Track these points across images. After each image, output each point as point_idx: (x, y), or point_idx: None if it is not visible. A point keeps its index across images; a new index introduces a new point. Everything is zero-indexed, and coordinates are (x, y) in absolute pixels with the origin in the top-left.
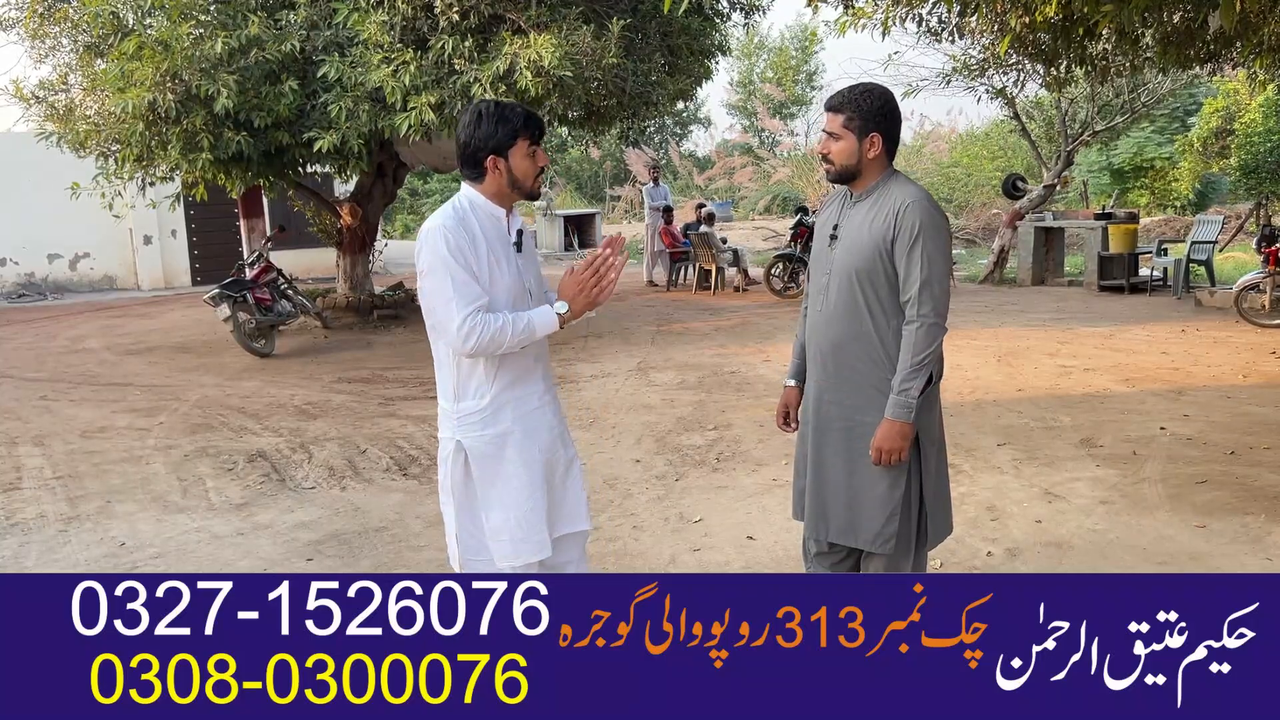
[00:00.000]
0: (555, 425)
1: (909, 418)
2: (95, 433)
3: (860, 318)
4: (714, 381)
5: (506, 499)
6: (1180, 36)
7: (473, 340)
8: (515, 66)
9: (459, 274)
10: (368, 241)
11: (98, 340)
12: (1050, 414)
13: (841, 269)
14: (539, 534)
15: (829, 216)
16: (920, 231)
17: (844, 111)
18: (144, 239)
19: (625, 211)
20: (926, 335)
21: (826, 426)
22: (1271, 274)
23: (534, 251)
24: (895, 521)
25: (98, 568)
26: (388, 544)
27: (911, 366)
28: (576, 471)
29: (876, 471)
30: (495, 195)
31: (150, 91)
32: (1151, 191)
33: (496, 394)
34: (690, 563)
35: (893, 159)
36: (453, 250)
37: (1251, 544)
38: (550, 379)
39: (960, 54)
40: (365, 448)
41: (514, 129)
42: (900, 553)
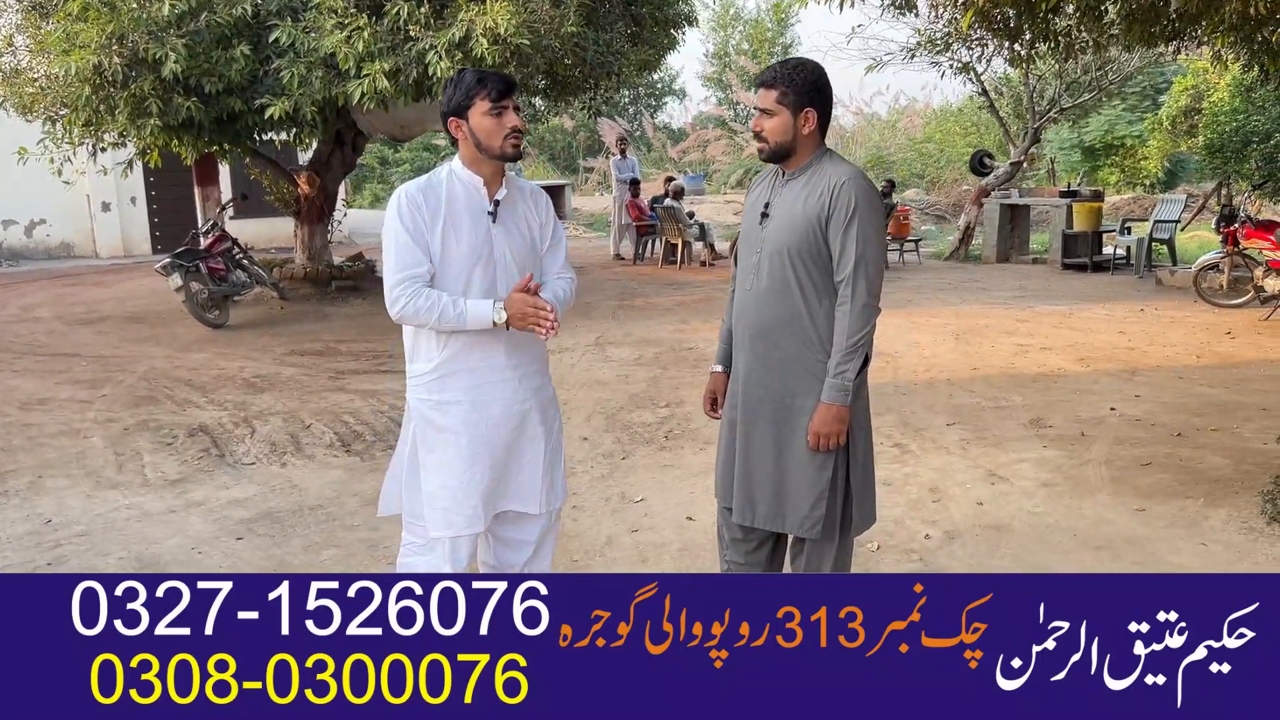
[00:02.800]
0: (516, 401)
1: (846, 401)
2: (35, 405)
3: (791, 297)
4: (671, 358)
5: (441, 467)
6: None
7: (398, 307)
8: (471, 34)
9: (403, 238)
10: (326, 211)
11: (48, 309)
12: (1003, 394)
13: (773, 247)
14: (469, 509)
15: (759, 194)
16: (856, 210)
17: (777, 87)
18: (102, 206)
19: (598, 184)
20: (861, 316)
21: (755, 410)
22: (1230, 254)
23: (525, 222)
24: (822, 506)
25: (19, 545)
26: (321, 523)
27: (847, 349)
28: (539, 453)
29: (805, 456)
30: (471, 162)
31: (96, 54)
32: (1121, 170)
33: (444, 360)
34: (627, 544)
35: (824, 136)
36: (403, 214)
37: (1188, 528)
38: (526, 353)
39: (925, 28)
40: (310, 423)
41: (469, 89)
42: (825, 538)
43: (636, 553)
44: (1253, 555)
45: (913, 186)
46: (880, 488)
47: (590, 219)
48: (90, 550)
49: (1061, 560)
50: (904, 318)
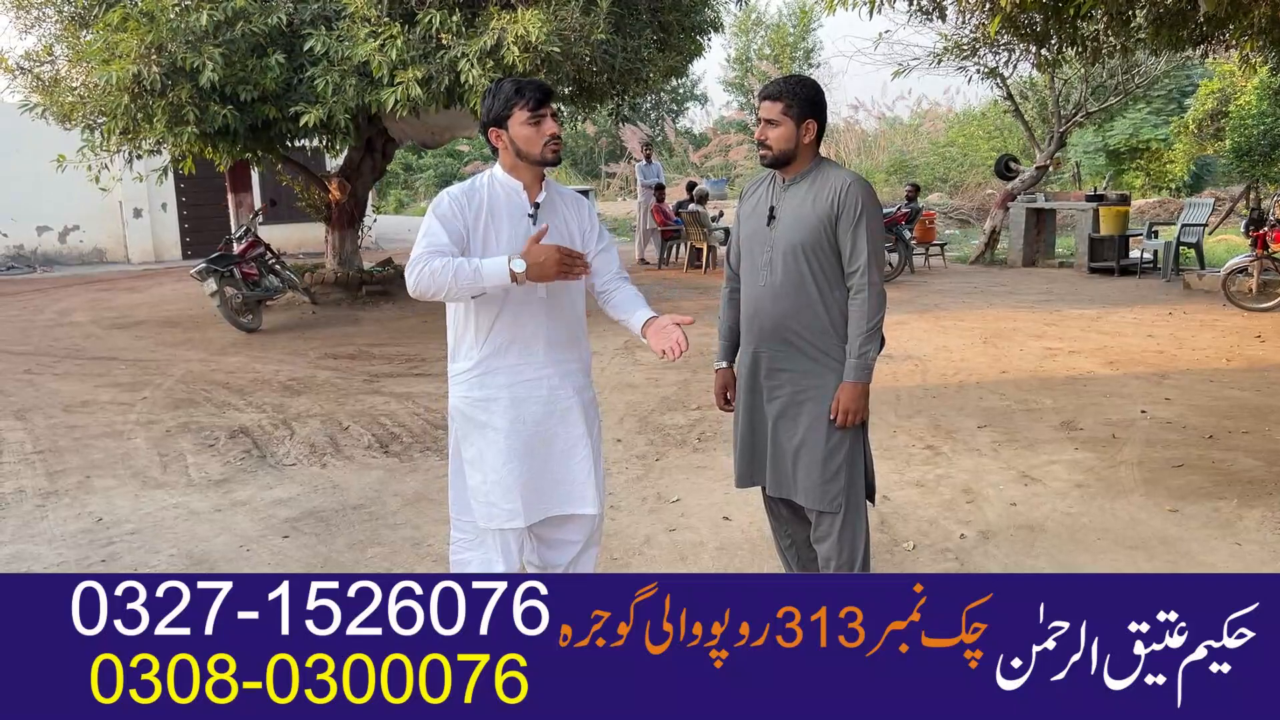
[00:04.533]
0: (556, 399)
1: (869, 379)
2: (78, 407)
3: (806, 289)
4: (700, 361)
5: (482, 462)
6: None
7: (413, 275)
8: (502, 42)
9: (435, 225)
10: (356, 217)
11: (84, 314)
12: (1033, 396)
13: (786, 245)
14: (510, 503)
15: (760, 198)
16: (863, 210)
17: (782, 100)
18: (134, 212)
19: (620, 189)
20: (876, 300)
21: (776, 395)
22: (1259, 257)
23: (566, 225)
24: (843, 478)
25: (74, 543)
26: (365, 521)
27: (867, 330)
28: (583, 452)
29: (824, 433)
30: (511, 168)
31: (135, 64)
32: (1147, 173)
33: (485, 357)
34: (665, 543)
35: (819, 146)
36: (442, 209)
37: (1222, 529)
38: (567, 352)
39: (952, 33)
40: (348, 425)
41: (508, 99)
42: (854, 510)
43: (675, 551)
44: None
45: (935, 190)
46: (913, 489)
47: (613, 224)
48: (142, 548)
49: (1095, 560)
50: (932, 321)
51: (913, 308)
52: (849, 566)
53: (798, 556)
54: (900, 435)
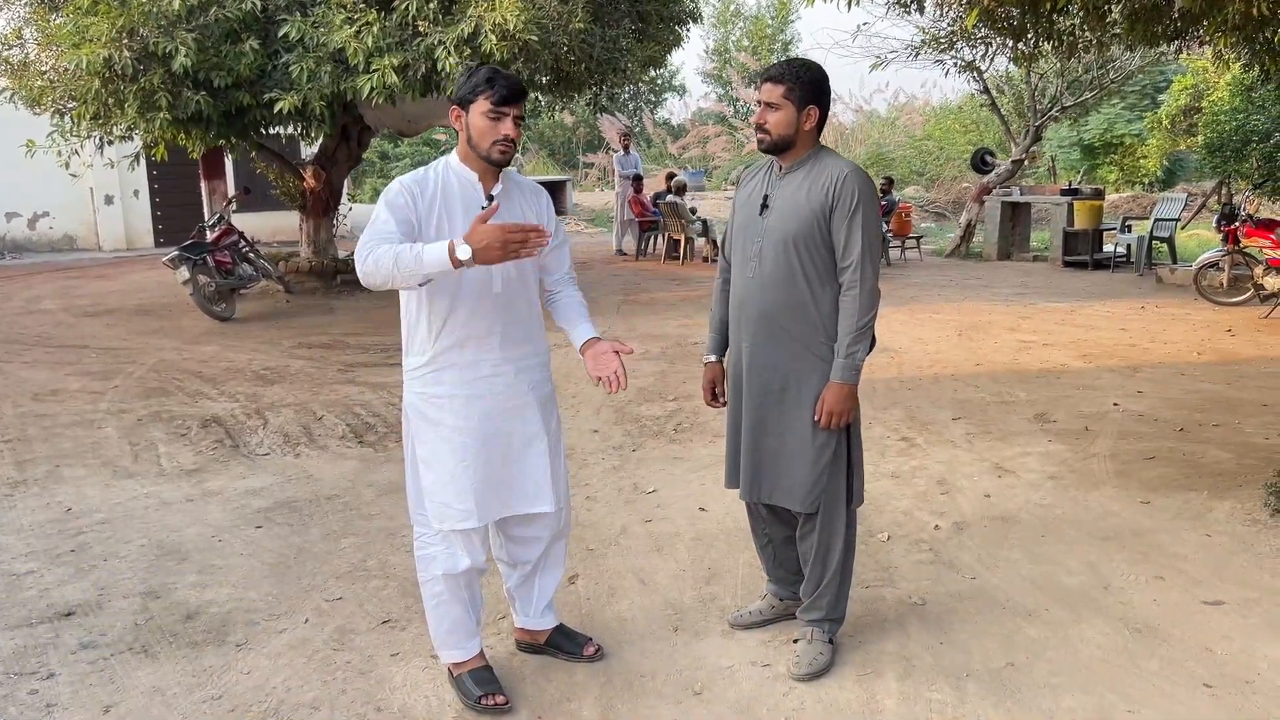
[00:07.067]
0: (511, 396)
1: (857, 380)
2: (47, 395)
3: (796, 283)
4: (677, 352)
5: (436, 461)
6: (1147, 13)
7: (360, 263)
8: (480, 29)
9: (383, 213)
10: (332, 205)
11: (54, 301)
12: (1007, 389)
13: (776, 236)
14: (463, 503)
15: (755, 187)
16: (859, 202)
17: (784, 82)
18: (105, 199)
19: (598, 179)
20: (868, 299)
21: (764, 390)
22: (1230, 252)
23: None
24: (824, 479)
25: (43, 533)
26: (339, 512)
27: (857, 329)
28: (540, 448)
29: (809, 433)
30: (465, 156)
31: (106, 48)
32: (1120, 168)
33: (437, 353)
34: (641, 534)
35: (820, 134)
36: (392, 197)
37: (1193, 520)
38: (523, 348)
39: (929, 26)
40: (321, 414)
41: (477, 84)
42: (833, 512)
43: (651, 542)
44: (1256, 546)
45: (912, 184)
46: (888, 480)
47: (591, 214)
48: (112, 538)
49: (1068, 551)
50: (907, 314)
51: (889, 300)
52: (823, 565)
53: (774, 555)
54: (875, 427)
